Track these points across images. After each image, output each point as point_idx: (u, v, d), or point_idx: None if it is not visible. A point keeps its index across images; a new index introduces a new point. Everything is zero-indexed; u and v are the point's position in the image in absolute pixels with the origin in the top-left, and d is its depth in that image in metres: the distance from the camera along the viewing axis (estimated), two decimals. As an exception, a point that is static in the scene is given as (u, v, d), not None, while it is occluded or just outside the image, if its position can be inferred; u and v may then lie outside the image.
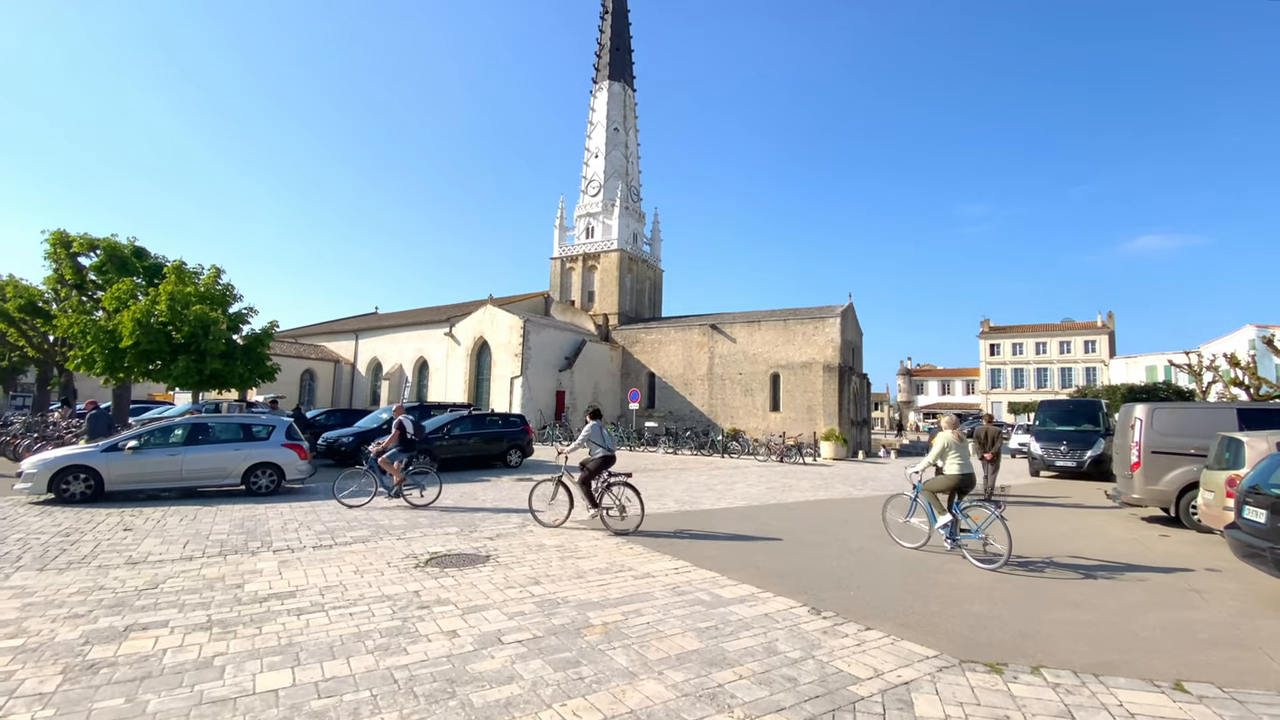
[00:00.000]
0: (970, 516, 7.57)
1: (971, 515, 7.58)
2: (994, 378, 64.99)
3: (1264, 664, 4.45)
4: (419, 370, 40.87)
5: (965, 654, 4.54)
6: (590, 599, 5.62)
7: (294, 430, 12.67)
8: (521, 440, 18.44)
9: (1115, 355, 58.92)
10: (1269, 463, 6.61)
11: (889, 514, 8.86)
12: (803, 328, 35.12)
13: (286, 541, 7.96)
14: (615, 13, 47.90)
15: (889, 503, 9.08)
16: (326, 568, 6.66)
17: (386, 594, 5.71)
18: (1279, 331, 30.04)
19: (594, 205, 44.99)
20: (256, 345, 19.62)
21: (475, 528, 9.02)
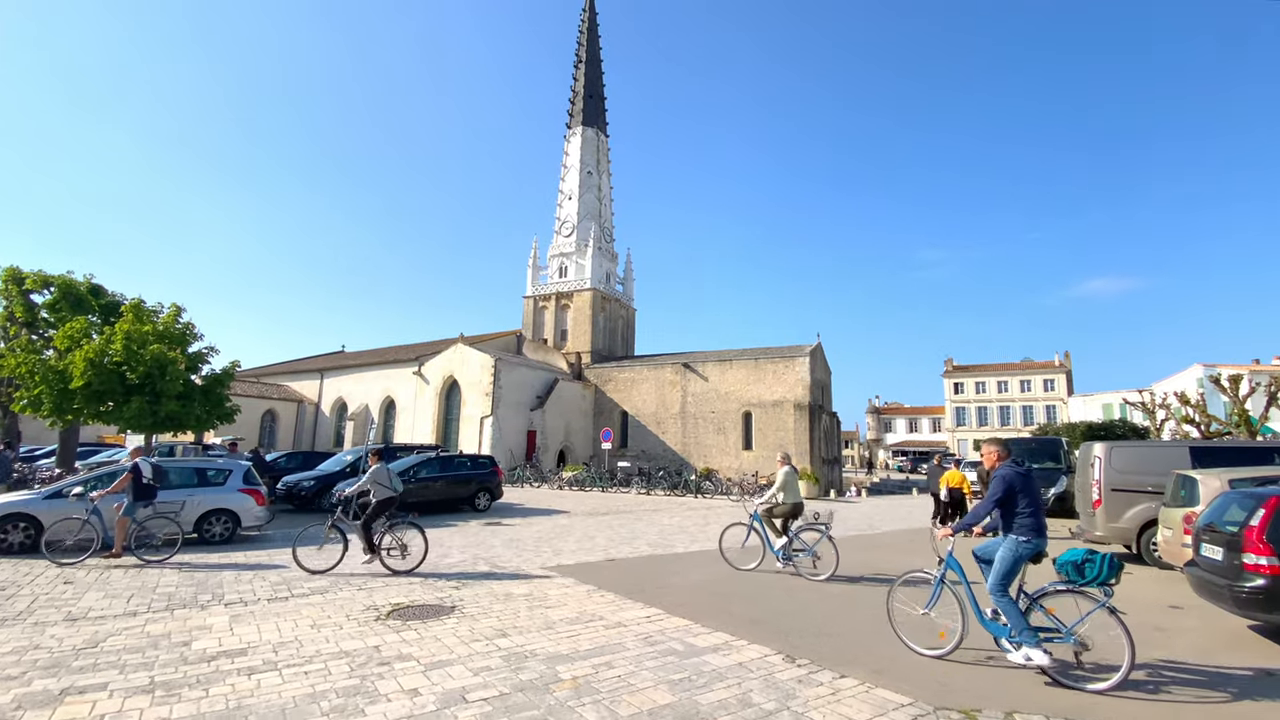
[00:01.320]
0: (802, 538, 8.76)
1: (803, 536, 8.77)
2: (959, 416, 66.34)
3: (1234, 708, 4.49)
4: (386, 410, 40.01)
5: (939, 701, 4.49)
6: (560, 651, 5.44)
7: (252, 474, 12.22)
8: (490, 483, 18.07)
9: (1073, 393, 60.81)
10: (1222, 500, 6.83)
11: (725, 542, 9.62)
12: (773, 366, 35.54)
13: (239, 594, 7.58)
14: (589, 61, 49.40)
15: (725, 532, 9.79)
16: (281, 622, 6.34)
17: (345, 650, 5.45)
18: (1225, 370, 31.46)
19: (567, 245, 45.45)
20: (216, 386, 19.04)
21: (440, 576, 8.73)
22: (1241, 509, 6.21)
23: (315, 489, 16.87)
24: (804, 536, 8.81)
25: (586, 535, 13.16)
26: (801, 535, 8.82)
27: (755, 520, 9.13)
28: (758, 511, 9.05)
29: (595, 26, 50.80)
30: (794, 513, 8.86)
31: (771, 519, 8.93)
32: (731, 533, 9.67)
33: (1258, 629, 6.41)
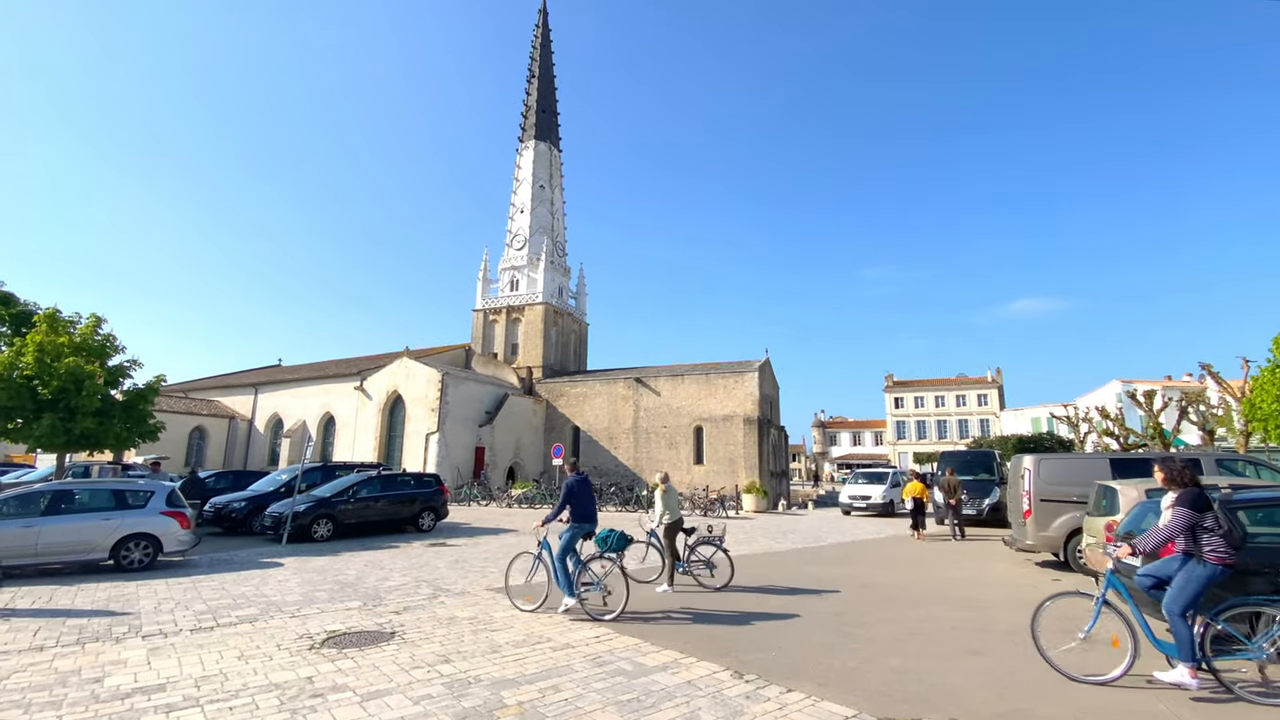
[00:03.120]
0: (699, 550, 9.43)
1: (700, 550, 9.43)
2: (900, 429, 68.66)
3: (1154, 707, 4.72)
4: (325, 427, 38.45)
5: (882, 711, 4.57)
6: (505, 676, 5.29)
7: (176, 496, 11.49)
8: (435, 502, 17.52)
9: (1005, 408, 63.89)
10: (1140, 510, 7.26)
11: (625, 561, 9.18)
12: (724, 381, 35.98)
13: (159, 625, 7.08)
14: (542, 77, 49.45)
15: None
16: (205, 654, 5.94)
17: (274, 682, 5.14)
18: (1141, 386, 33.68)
19: (519, 259, 45.04)
20: (138, 401, 17.92)
21: (380, 600, 8.38)
22: (1157, 518, 6.60)
23: (247, 510, 16.00)
24: (700, 550, 9.49)
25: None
26: (699, 549, 9.49)
27: (653, 538, 9.63)
28: (654, 529, 9.46)
29: (549, 41, 50.96)
30: (676, 527, 9.31)
31: (667, 536, 9.29)
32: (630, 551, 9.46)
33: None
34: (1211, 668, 4.91)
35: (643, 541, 10.14)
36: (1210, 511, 5.02)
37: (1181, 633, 4.92)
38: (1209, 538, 4.94)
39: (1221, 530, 4.94)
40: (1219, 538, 4.92)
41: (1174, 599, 4.97)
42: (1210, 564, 4.88)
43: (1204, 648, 4.92)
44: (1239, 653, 4.84)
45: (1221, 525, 4.96)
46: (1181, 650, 4.93)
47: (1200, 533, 4.98)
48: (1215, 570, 4.87)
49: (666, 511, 9.24)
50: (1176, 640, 4.96)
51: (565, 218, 49.50)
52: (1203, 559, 4.93)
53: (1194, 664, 4.90)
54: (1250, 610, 4.97)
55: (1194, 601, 4.92)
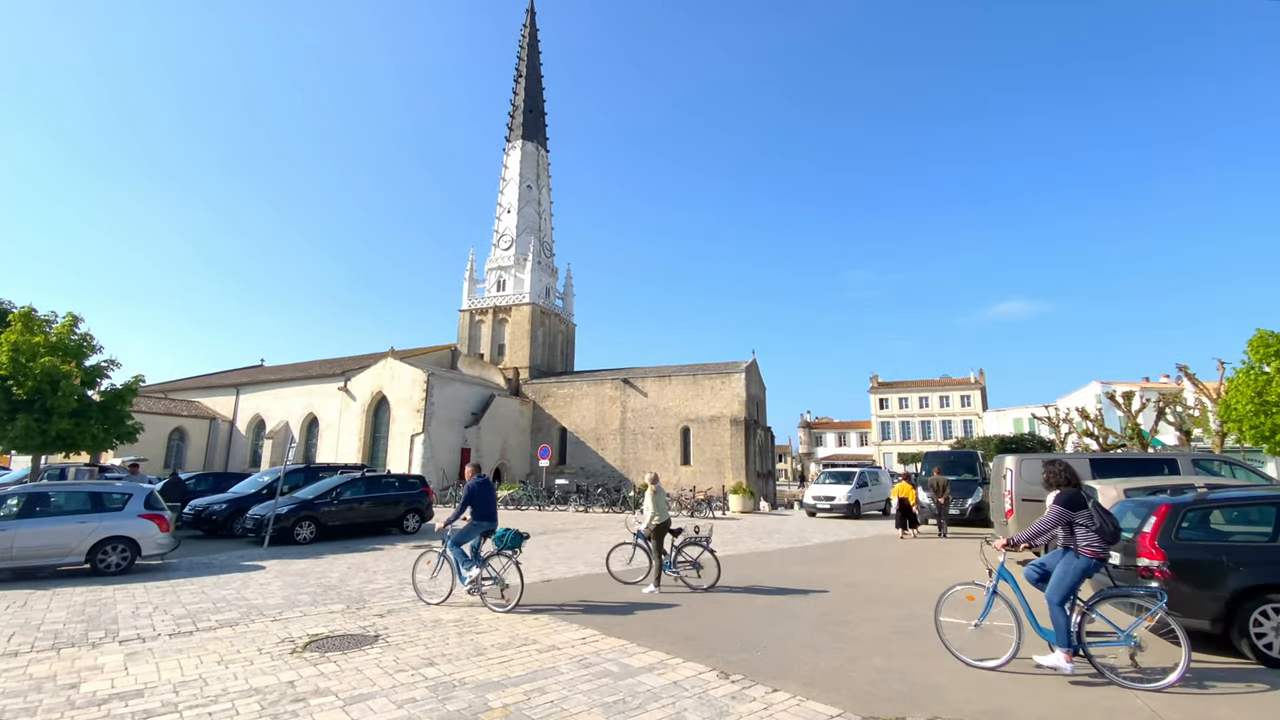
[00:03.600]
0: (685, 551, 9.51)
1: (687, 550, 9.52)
2: (884, 430, 69.23)
3: (1130, 701, 4.81)
4: (308, 428, 38.06)
5: (866, 709, 4.60)
6: (490, 679, 5.26)
7: (154, 498, 11.31)
8: (420, 503, 17.39)
9: (988, 408, 64.63)
10: (1119, 509, 7.37)
11: (612, 561, 10.03)
12: (710, 382, 36.09)
13: (137, 629, 6.96)
14: (529, 76, 49.34)
15: (611, 552, 10.18)
16: (184, 659, 5.85)
17: (255, 687, 5.07)
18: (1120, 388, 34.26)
19: (506, 259, 44.88)
20: (116, 402, 17.60)
21: (364, 604, 8.31)
22: (1136, 516, 6.72)
23: (228, 512, 15.79)
24: (687, 550, 9.57)
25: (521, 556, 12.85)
26: (685, 549, 9.56)
27: (640, 539, 9.62)
28: (641, 530, 9.50)
29: (536, 41, 50.86)
30: (664, 528, 9.36)
31: (655, 537, 9.37)
32: (618, 552, 10.16)
33: (1153, 629, 6.88)
34: (1086, 653, 5.27)
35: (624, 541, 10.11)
36: (1084, 509, 5.40)
37: (1059, 620, 5.30)
38: (1083, 533, 5.34)
39: (1094, 526, 5.32)
40: (1093, 533, 5.31)
41: (1053, 589, 5.37)
42: (1084, 557, 5.30)
43: (1080, 634, 5.30)
44: (1111, 640, 5.29)
45: (1094, 522, 5.34)
46: (1059, 636, 5.31)
47: (1076, 528, 5.38)
48: (1088, 562, 5.29)
49: (655, 513, 9.27)
50: (1055, 627, 5.33)
51: (553, 218, 49.43)
52: (1077, 552, 5.34)
53: (1070, 649, 5.27)
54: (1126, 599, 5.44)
55: (1070, 591, 5.31)
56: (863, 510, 22.54)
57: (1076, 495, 5.48)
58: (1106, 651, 5.42)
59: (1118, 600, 5.47)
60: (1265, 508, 6.32)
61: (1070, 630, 5.28)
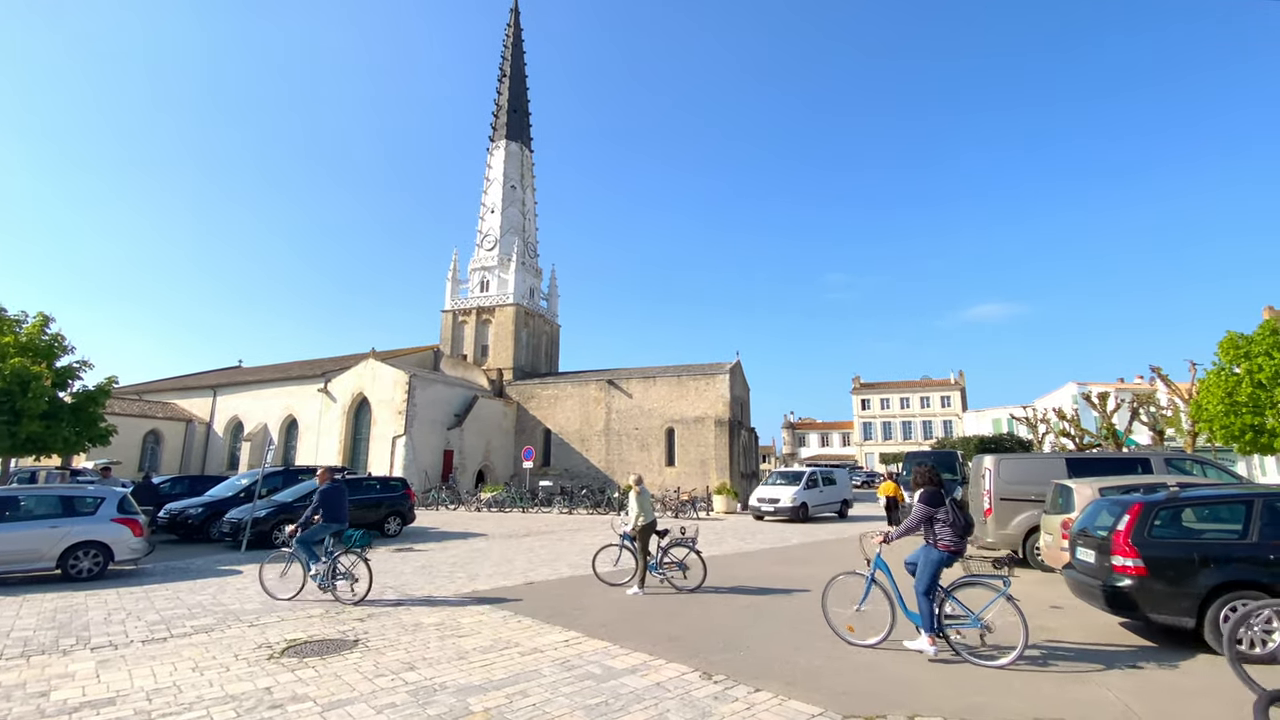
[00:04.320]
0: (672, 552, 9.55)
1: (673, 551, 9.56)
2: (866, 430, 69.94)
3: (1104, 696, 4.90)
4: (287, 430, 37.50)
5: (847, 708, 4.64)
6: (472, 682, 5.21)
7: (128, 502, 11.06)
8: (402, 506, 17.22)
9: (967, 409, 65.57)
10: (1094, 508, 7.51)
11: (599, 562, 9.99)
12: (695, 383, 36.18)
13: (109, 636, 6.80)
14: (513, 76, 49.11)
15: (599, 554, 10.13)
16: (158, 666, 5.73)
17: (231, 694, 4.98)
18: (1095, 388, 34.93)
19: (489, 259, 44.62)
20: (88, 404, 17.27)
21: (342, 608, 8.20)
22: (1110, 515, 6.85)
23: (204, 516, 15.50)
24: (673, 551, 9.64)
25: (505, 558, 12.79)
26: (671, 550, 9.62)
27: (626, 540, 9.64)
28: (627, 532, 9.52)
29: (520, 41, 50.66)
30: (650, 529, 9.39)
31: (641, 538, 9.40)
32: (605, 554, 10.16)
33: (1127, 625, 7.03)
34: (944, 635, 5.84)
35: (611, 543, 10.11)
36: (943, 507, 5.93)
37: (923, 607, 5.88)
38: (940, 529, 5.89)
39: (950, 522, 5.86)
40: (948, 528, 5.85)
41: (918, 579, 5.93)
42: (940, 550, 5.86)
43: (939, 619, 5.85)
44: (965, 623, 5.84)
45: (950, 518, 5.87)
46: (923, 621, 5.88)
47: (935, 524, 5.92)
48: (944, 555, 5.85)
49: (641, 513, 9.27)
50: (920, 613, 5.91)
51: (537, 218, 49.24)
52: (935, 546, 5.90)
53: (932, 633, 5.84)
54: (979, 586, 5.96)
55: (931, 581, 5.85)
56: (812, 513, 21.47)
57: (936, 494, 5.98)
58: (962, 633, 5.91)
59: (972, 587, 5.96)
60: (1235, 506, 6.46)
61: (933, 615, 5.82)
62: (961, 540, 5.88)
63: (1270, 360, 16.45)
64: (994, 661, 5.58)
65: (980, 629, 5.79)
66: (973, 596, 5.96)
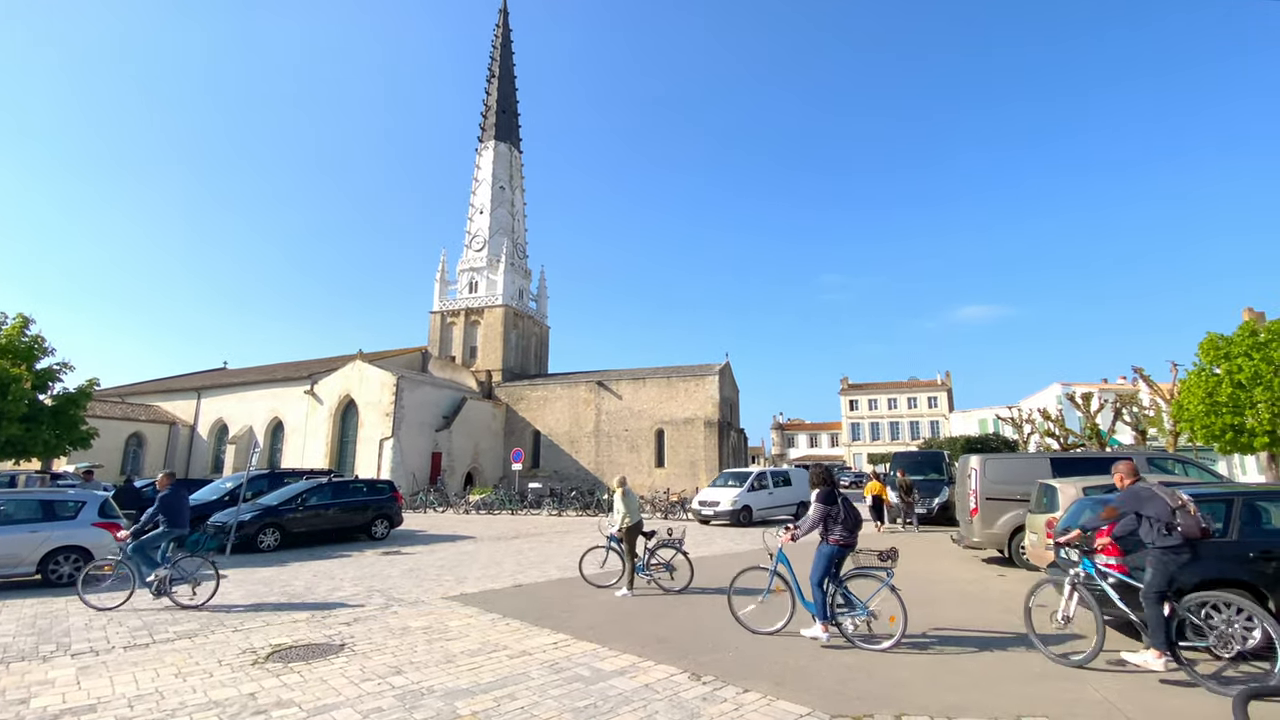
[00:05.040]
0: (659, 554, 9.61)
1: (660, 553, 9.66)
2: (854, 431, 70.34)
3: (1089, 694, 4.95)
4: (273, 432, 37.16)
5: (835, 709, 4.65)
6: (459, 686, 5.18)
7: (109, 506, 10.91)
8: (389, 509, 17.09)
9: (954, 410, 66.12)
10: (1077, 507, 7.60)
11: (585, 564, 10.02)
12: (685, 384, 36.24)
13: (90, 642, 6.70)
14: (502, 77, 49.01)
15: (585, 556, 10.21)
16: (140, 672, 5.65)
17: (214, 699, 4.92)
18: (1079, 389, 35.35)
19: (478, 260, 44.46)
20: (69, 406, 17.02)
21: (330, 612, 8.12)
22: (1093, 514, 6.92)
23: (188, 520, 15.30)
24: (660, 553, 9.66)
25: (493, 561, 12.73)
26: (658, 552, 9.64)
27: (613, 542, 9.66)
28: (614, 533, 9.53)
29: (509, 42, 50.58)
30: (637, 529, 9.43)
31: (627, 539, 9.42)
32: (591, 555, 10.18)
33: (1110, 623, 7.09)
34: (837, 623, 6.31)
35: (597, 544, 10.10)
36: (835, 505, 6.43)
37: (817, 597, 6.34)
38: (833, 526, 6.37)
39: (841, 519, 6.37)
40: (840, 525, 6.35)
41: (812, 571, 6.40)
42: (831, 544, 6.34)
43: (833, 608, 6.31)
44: (854, 611, 6.28)
45: (842, 516, 6.39)
46: (818, 610, 6.36)
47: (829, 522, 6.39)
48: (834, 549, 6.32)
49: (627, 514, 9.26)
50: (814, 602, 6.36)
51: (526, 219, 49.14)
52: (828, 541, 6.38)
53: (825, 621, 6.32)
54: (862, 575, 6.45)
55: (824, 573, 6.31)
56: (757, 517, 20.13)
57: (830, 494, 6.49)
58: (851, 621, 6.33)
59: (861, 578, 6.47)
60: (1215, 504, 6.54)
61: (826, 604, 6.29)
62: (852, 535, 6.36)
63: (1249, 361, 16.73)
64: (878, 645, 6.08)
65: (867, 616, 6.24)
66: (862, 587, 6.43)
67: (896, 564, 6.34)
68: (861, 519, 6.65)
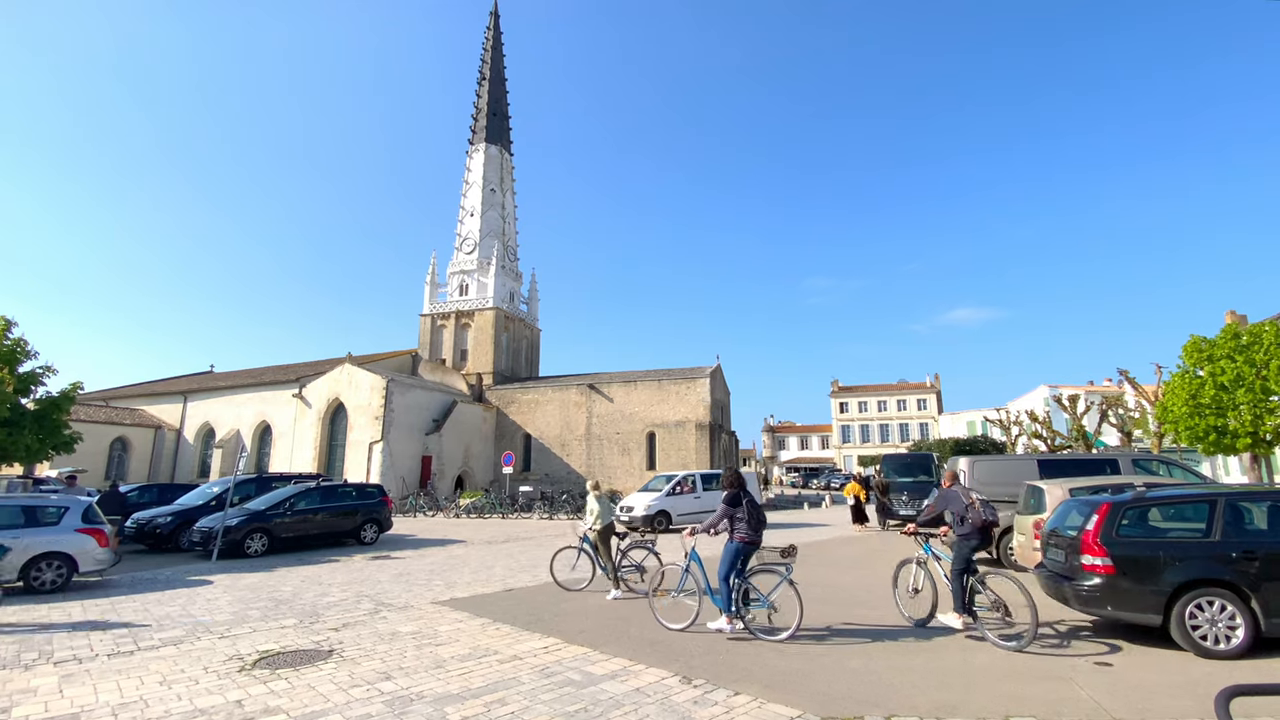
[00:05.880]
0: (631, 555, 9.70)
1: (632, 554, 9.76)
2: (845, 433, 70.65)
3: (1076, 693, 4.99)
4: (260, 436, 36.81)
5: (826, 710, 4.67)
6: (449, 691, 5.15)
7: (93, 512, 10.76)
8: (379, 513, 16.97)
9: (943, 412, 66.57)
10: (1064, 508, 7.66)
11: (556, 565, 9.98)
12: (676, 387, 36.27)
13: (73, 650, 6.60)
14: (493, 79, 48.94)
15: (556, 556, 10.20)
16: (124, 680, 5.57)
17: (200, 707, 4.86)
18: (1066, 391, 35.72)
19: (469, 263, 44.31)
20: (52, 411, 16.81)
21: (318, 617, 8.05)
22: (1080, 515, 6.99)
23: (173, 525, 15.13)
24: (632, 554, 9.75)
25: (483, 565, 12.67)
26: (630, 553, 9.72)
27: (585, 544, 9.68)
28: (588, 535, 9.57)
29: (500, 44, 50.53)
30: (610, 534, 9.53)
31: (601, 541, 9.48)
32: (562, 558, 10.14)
33: (1098, 623, 7.17)
34: (740, 616, 6.69)
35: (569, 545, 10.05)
36: (741, 506, 6.84)
37: (722, 591, 6.74)
38: (738, 524, 6.78)
39: (744, 519, 6.78)
40: (744, 524, 6.76)
41: (719, 567, 6.80)
42: (736, 542, 6.76)
43: (737, 602, 6.69)
44: (757, 604, 6.73)
45: (746, 515, 6.79)
46: (722, 604, 6.73)
47: (735, 521, 6.81)
48: (739, 546, 6.74)
49: (600, 516, 9.34)
50: (721, 596, 6.75)
51: (517, 222, 49.05)
52: (733, 539, 6.79)
53: (730, 614, 6.68)
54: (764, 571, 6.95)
55: (730, 569, 6.72)
56: (676, 523, 19.05)
57: (736, 495, 6.90)
58: (754, 614, 6.75)
59: (763, 574, 6.92)
60: (1199, 505, 6.64)
61: (731, 599, 6.66)
62: (756, 533, 6.78)
63: (1232, 363, 16.96)
64: (777, 637, 6.50)
65: (768, 609, 6.68)
66: (764, 582, 6.88)
67: (795, 559, 7.01)
68: (765, 520, 7.04)
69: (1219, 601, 5.90)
